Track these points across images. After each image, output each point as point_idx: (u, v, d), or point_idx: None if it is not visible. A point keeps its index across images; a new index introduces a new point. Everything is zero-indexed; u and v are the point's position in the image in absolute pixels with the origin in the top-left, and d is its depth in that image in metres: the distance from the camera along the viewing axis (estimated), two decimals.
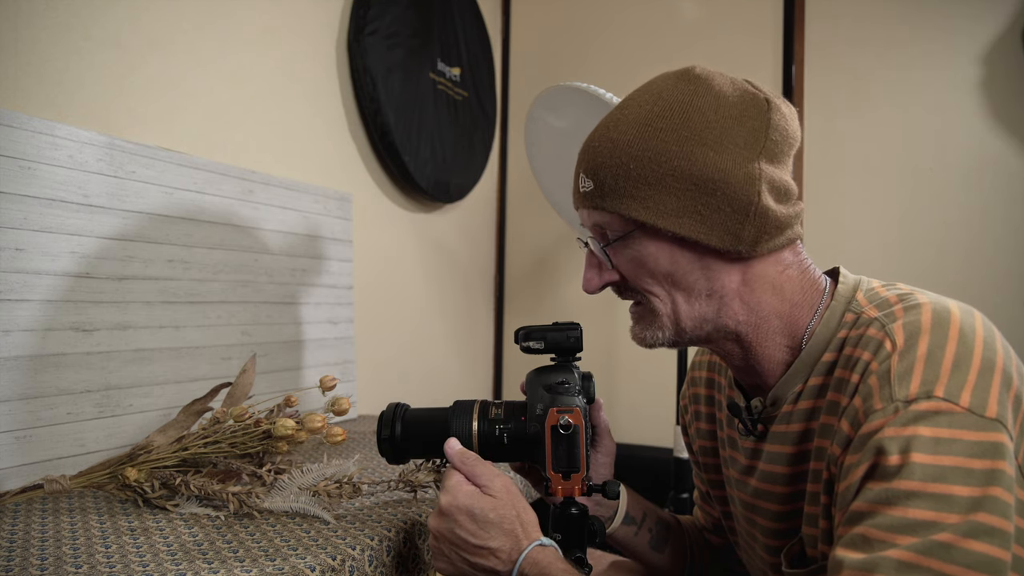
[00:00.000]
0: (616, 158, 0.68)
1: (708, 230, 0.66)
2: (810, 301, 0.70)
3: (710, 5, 2.09)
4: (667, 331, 0.71)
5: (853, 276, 0.72)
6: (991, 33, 1.74)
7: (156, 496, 0.85)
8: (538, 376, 0.76)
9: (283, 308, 1.40)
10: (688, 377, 0.92)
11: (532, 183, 2.17)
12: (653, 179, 0.67)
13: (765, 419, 0.73)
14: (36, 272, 0.97)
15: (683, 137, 0.66)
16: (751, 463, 0.75)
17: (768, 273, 0.70)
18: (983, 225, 1.74)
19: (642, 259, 0.69)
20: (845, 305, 0.68)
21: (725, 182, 0.65)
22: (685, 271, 0.69)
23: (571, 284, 2.32)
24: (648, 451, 2.06)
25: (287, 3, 1.51)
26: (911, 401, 0.55)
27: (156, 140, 1.19)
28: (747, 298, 0.70)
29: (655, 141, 0.67)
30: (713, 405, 0.86)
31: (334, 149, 1.67)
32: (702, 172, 0.66)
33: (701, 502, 0.96)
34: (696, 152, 0.66)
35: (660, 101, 0.69)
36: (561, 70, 2.30)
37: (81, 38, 1.08)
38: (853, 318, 0.66)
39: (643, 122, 0.68)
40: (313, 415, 0.87)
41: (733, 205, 0.66)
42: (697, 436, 0.90)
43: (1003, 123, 1.74)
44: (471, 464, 0.71)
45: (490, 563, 0.66)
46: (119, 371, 1.07)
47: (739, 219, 0.66)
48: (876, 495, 0.55)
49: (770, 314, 0.70)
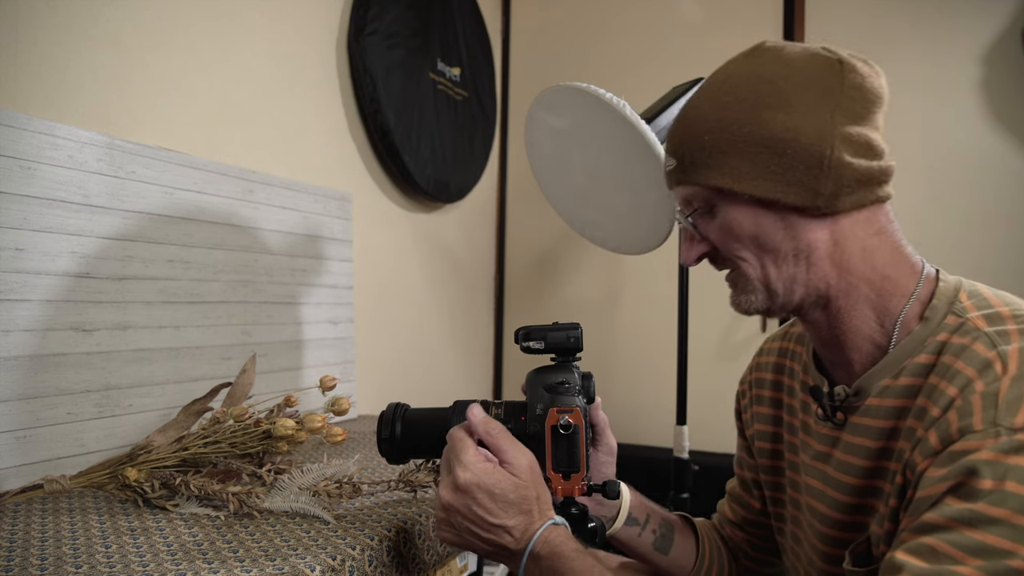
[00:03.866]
0: (692, 133, 0.72)
1: (784, 188, 0.67)
2: (904, 280, 0.70)
3: (710, 5, 2.09)
4: (760, 295, 0.72)
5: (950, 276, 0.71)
6: (991, 33, 1.74)
7: (156, 496, 0.85)
8: (538, 376, 0.76)
9: (283, 308, 1.40)
10: (753, 363, 0.92)
11: (532, 183, 2.17)
12: (726, 147, 0.69)
13: (846, 408, 0.72)
14: (36, 272, 0.97)
15: (751, 104, 0.68)
16: (827, 450, 0.74)
17: (857, 234, 0.69)
18: (983, 225, 1.74)
19: (728, 225, 0.71)
20: (948, 305, 0.66)
21: (795, 140, 0.66)
22: (769, 232, 0.69)
23: (571, 284, 2.32)
24: (648, 451, 2.06)
25: (287, 3, 1.51)
26: (1017, 430, 0.55)
27: (156, 140, 1.19)
28: (837, 258, 0.69)
29: (726, 112, 0.69)
30: (780, 390, 0.86)
31: (334, 149, 1.67)
32: (772, 134, 0.67)
33: (740, 491, 0.95)
34: (765, 116, 0.68)
35: (730, 78, 0.72)
36: (561, 70, 2.30)
37: (81, 38, 1.08)
38: (956, 322, 0.65)
39: (715, 99, 0.71)
40: (313, 415, 0.87)
41: (806, 161, 0.67)
42: (755, 420, 0.89)
43: (1003, 123, 1.74)
44: (497, 436, 0.69)
45: (503, 540, 0.66)
46: (119, 371, 1.07)
47: (814, 174, 0.67)
48: (957, 512, 0.54)
49: (860, 280, 0.69)
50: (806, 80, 0.68)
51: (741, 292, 0.73)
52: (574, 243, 2.29)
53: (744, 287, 0.73)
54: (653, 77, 2.02)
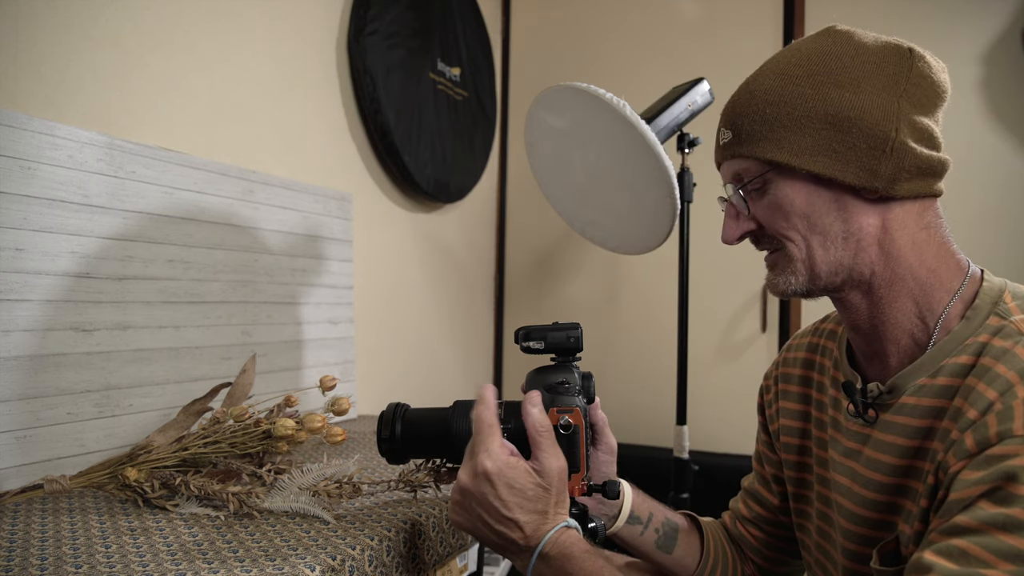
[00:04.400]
0: (753, 106, 0.70)
1: (843, 167, 0.67)
2: (948, 277, 0.69)
3: (710, 5, 2.09)
4: (801, 277, 0.70)
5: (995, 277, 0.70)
6: (991, 33, 1.74)
7: (156, 496, 0.85)
8: (538, 376, 0.76)
9: (283, 308, 1.40)
10: (780, 358, 0.91)
11: (532, 183, 2.17)
12: (788, 121, 0.68)
13: (879, 405, 0.71)
14: (36, 272, 0.97)
15: (819, 81, 0.68)
16: (857, 447, 0.73)
17: (908, 224, 0.69)
18: (983, 225, 1.73)
19: (778, 202, 0.69)
20: (991, 306, 0.65)
21: (860, 119, 0.66)
22: (821, 212, 0.68)
23: (571, 284, 2.32)
24: (648, 451, 2.06)
25: (287, 3, 1.51)
26: None
27: (156, 140, 1.19)
28: (886, 246, 0.68)
29: (791, 86, 0.69)
30: (809, 385, 0.84)
31: (334, 149, 1.67)
32: (837, 111, 0.67)
33: (758, 486, 0.93)
34: (831, 93, 0.67)
35: (798, 53, 0.71)
36: (561, 70, 2.30)
37: (81, 38, 1.08)
38: (998, 324, 0.64)
39: (780, 72, 0.70)
40: (313, 415, 0.87)
41: (869, 141, 0.66)
42: (780, 415, 0.87)
43: (1003, 123, 1.74)
44: (543, 435, 0.68)
45: (513, 535, 0.66)
46: (119, 371, 1.07)
47: (875, 155, 0.66)
48: (991, 517, 0.54)
49: (906, 272, 0.69)
50: (876, 63, 0.68)
51: (781, 273, 0.71)
52: (574, 243, 2.29)
53: (785, 267, 0.71)
54: (653, 77, 2.02)
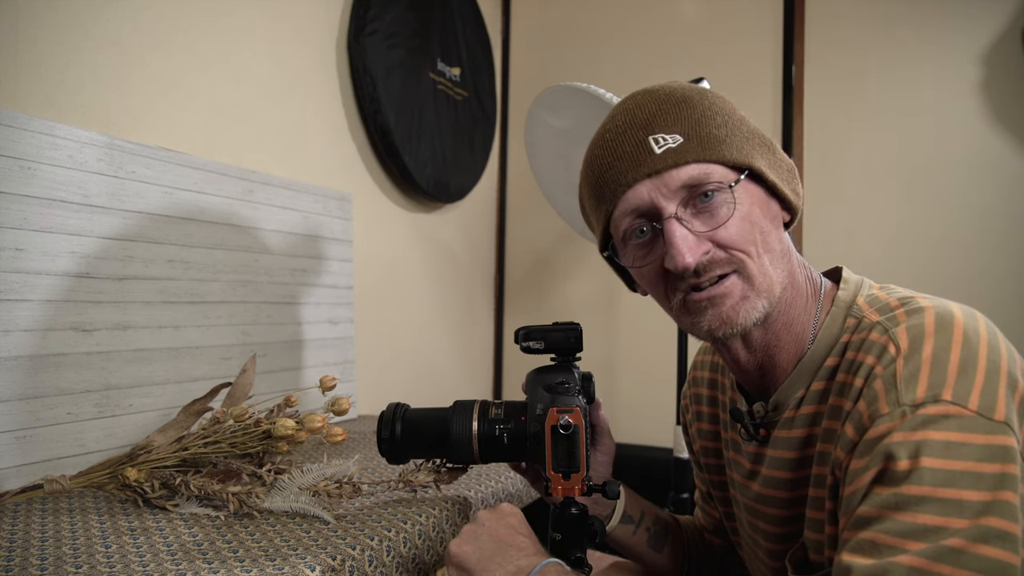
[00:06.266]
0: (701, 110, 0.66)
1: (785, 185, 0.68)
2: (814, 291, 0.71)
3: (710, 5, 2.09)
4: (762, 300, 0.65)
5: (855, 277, 0.71)
6: (991, 33, 1.74)
7: (156, 496, 0.85)
8: (538, 376, 0.76)
9: (283, 308, 1.40)
10: (689, 377, 0.92)
11: (532, 183, 2.17)
12: (737, 132, 0.66)
13: (767, 424, 0.72)
14: (36, 272, 0.97)
15: (732, 105, 0.69)
16: (754, 467, 0.74)
17: (791, 246, 0.71)
18: (983, 225, 1.73)
19: (746, 212, 0.64)
20: (847, 310, 0.67)
21: (772, 142, 0.68)
22: (769, 230, 0.66)
23: (571, 284, 2.32)
24: (648, 451, 2.06)
25: (287, 3, 1.51)
26: (918, 405, 0.55)
27: (156, 140, 1.19)
28: (791, 268, 0.69)
29: (718, 100, 0.68)
30: (716, 405, 0.86)
31: (334, 149, 1.67)
32: (756, 129, 0.68)
33: (702, 502, 0.96)
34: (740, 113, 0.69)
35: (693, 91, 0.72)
36: (561, 70, 2.30)
37: (81, 38, 1.08)
38: (855, 323, 0.66)
39: (689, 93, 0.68)
40: (313, 415, 0.87)
41: (785, 164, 0.68)
42: (699, 436, 0.89)
43: (1003, 123, 1.73)
44: None
45: (521, 546, 0.67)
46: (119, 371, 1.07)
47: (793, 177, 0.69)
48: (885, 500, 0.54)
49: (797, 293, 0.69)
50: None
51: (742, 299, 0.64)
52: (574, 243, 2.29)
53: (745, 292, 0.64)
54: (653, 77, 2.02)
